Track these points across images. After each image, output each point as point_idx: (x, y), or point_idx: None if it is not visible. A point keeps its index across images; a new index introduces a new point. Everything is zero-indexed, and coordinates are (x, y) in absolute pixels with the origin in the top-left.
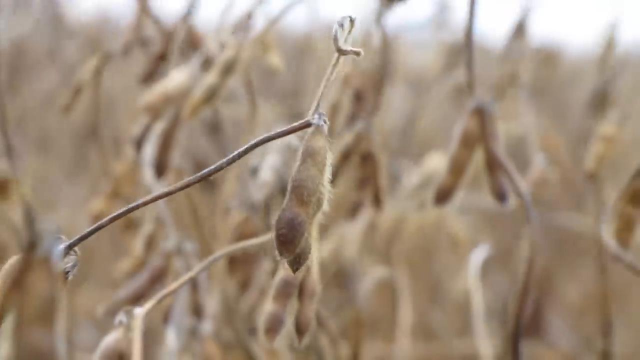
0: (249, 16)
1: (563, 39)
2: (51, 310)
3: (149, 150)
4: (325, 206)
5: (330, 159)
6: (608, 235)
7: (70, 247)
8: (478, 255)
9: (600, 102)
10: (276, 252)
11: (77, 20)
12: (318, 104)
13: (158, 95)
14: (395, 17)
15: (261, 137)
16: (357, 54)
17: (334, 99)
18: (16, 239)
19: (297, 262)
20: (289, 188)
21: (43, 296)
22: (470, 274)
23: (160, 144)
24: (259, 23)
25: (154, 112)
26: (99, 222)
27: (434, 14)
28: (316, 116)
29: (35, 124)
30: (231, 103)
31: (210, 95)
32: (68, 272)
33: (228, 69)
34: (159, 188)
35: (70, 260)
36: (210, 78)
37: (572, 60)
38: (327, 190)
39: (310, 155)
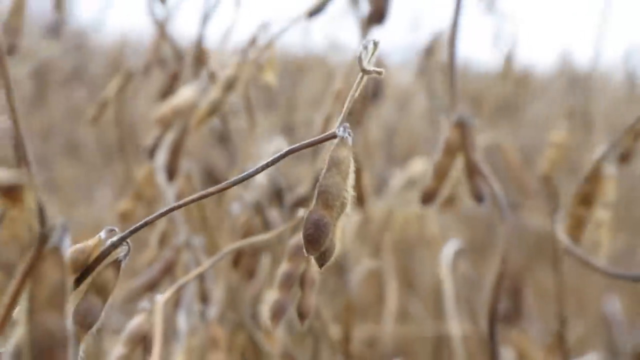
0: (252, 41)
1: (532, 58)
2: (61, 295)
3: (162, 157)
4: (349, 209)
5: (353, 167)
6: (561, 232)
7: (123, 239)
8: (449, 249)
9: (569, 116)
10: (304, 250)
11: (100, 42)
12: (343, 118)
13: (168, 109)
14: (382, 41)
15: (290, 147)
16: (380, 73)
17: (327, 112)
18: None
19: (322, 259)
20: (315, 193)
21: (54, 283)
22: (442, 266)
23: (170, 152)
24: (258, 45)
25: (165, 124)
26: (144, 220)
27: (415, 39)
28: (341, 129)
29: (65, 134)
30: (235, 116)
31: (214, 109)
32: (121, 260)
33: (229, 86)
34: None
35: (123, 250)
36: (214, 94)
37: (539, 78)
38: (350, 195)
39: (335, 164)
